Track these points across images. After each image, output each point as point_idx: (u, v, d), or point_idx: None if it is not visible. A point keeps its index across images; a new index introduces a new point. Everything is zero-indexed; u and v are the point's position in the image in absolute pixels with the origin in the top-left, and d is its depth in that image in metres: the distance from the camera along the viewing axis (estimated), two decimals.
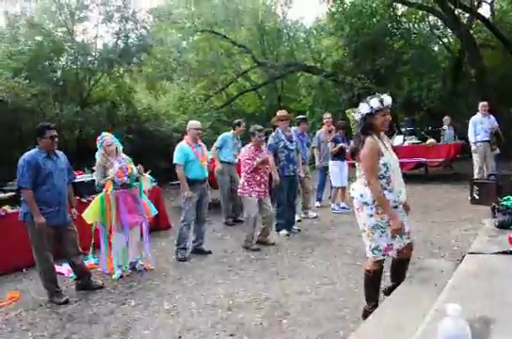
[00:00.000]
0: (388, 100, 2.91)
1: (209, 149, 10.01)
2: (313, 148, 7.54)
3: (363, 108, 2.92)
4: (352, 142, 3.06)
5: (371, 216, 2.93)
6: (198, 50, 19.05)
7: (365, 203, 2.93)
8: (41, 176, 3.94)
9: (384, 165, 2.92)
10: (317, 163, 7.56)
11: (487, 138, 8.09)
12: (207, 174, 5.34)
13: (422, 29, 16.30)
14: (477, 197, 4.30)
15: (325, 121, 7.81)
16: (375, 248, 2.97)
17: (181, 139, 5.38)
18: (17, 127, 10.27)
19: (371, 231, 2.94)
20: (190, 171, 5.12)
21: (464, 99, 15.05)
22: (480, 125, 8.14)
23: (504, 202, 3.43)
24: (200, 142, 5.32)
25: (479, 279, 2.25)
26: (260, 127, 5.55)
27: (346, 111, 7.62)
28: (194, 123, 5.32)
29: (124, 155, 4.83)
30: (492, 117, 8.25)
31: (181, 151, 5.12)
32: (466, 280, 2.26)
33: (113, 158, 4.64)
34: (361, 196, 2.95)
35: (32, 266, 4.55)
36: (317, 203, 7.76)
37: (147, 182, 4.97)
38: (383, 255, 2.99)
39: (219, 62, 17.60)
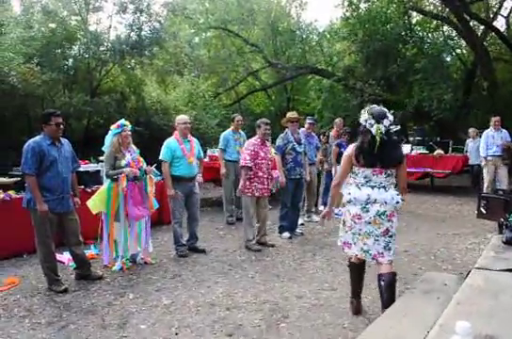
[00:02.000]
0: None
1: (212, 146, 10.06)
2: (324, 150, 7.49)
3: (388, 123, 3.12)
4: (388, 151, 3.14)
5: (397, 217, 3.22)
6: (210, 46, 19.06)
7: (397, 208, 3.19)
8: (46, 163, 3.92)
9: None
10: (325, 166, 7.53)
11: (498, 153, 8.11)
12: (196, 172, 5.23)
13: (435, 39, 16.23)
14: (484, 211, 4.28)
15: (335, 125, 7.78)
16: (395, 249, 3.26)
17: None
18: (26, 113, 10.30)
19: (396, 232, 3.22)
20: (176, 169, 5.05)
21: (474, 111, 15.02)
22: (492, 140, 8.17)
23: None
24: (189, 137, 5.22)
25: (485, 295, 2.23)
26: (266, 120, 5.52)
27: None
28: (181, 118, 5.24)
29: (134, 146, 4.82)
30: (505, 131, 8.27)
31: (167, 147, 5.04)
32: (471, 296, 2.23)
33: (125, 149, 4.63)
34: (401, 200, 3.18)
35: (33, 253, 4.54)
36: (322, 208, 7.72)
37: (152, 181, 4.96)
38: None
39: (231, 60, 17.58)
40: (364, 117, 3.14)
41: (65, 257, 4.74)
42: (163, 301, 3.79)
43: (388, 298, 3.11)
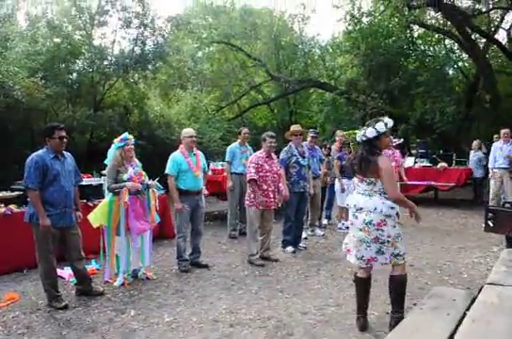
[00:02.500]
0: (390, 122, 3.26)
1: (215, 159, 10.04)
2: (328, 163, 7.45)
3: (371, 133, 3.21)
4: (358, 160, 3.28)
5: (394, 226, 3.22)
6: (213, 61, 19.21)
7: (388, 216, 3.17)
8: (49, 177, 3.88)
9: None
10: (328, 179, 7.47)
11: (504, 165, 8.06)
12: (202, 186, 5.19)
13: (437, 52, 16.32)
14: (492, 224, 4.21)
15: (337, 138, 7.77)
16: (397, 254, 3.23)
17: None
18: (29, 126, 10.33)
19: (395, 240, 3.21)
20: (183, 182, 5.00)
21: (477, 124, 14.99)
22: (500, 152, 8.11)
23: None
24: (195, 150, 5.20)
25: (500, 312, 2.15)
26: (272, 134, 5.52)
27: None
28: (187, 131, 5.22)
29: (136, 160, 4.80)
30: None
31: (173, 160, 5.02)
32: (486, 313, 2.16)
33: (127, 163, 4.60)
34: (391, 208, 3.17)
35: (34, 268, 4.48)
36: (325, 221, 7.66)
37: (155, 195, 4.92)
38: (403, 259, 3.28)
39: (234, 74, 17.68)
40: None
41: (66, 272, 4.68)
42: (165, 318, 3.70)
43: (394, 298, 3.31)
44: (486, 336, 1.78)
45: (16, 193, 5.36)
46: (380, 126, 3.19)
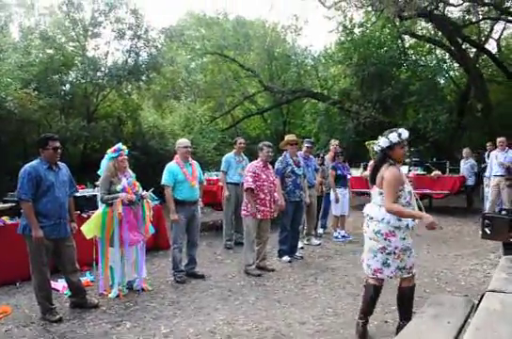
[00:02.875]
0: (405, 133, 3.25)
1: (210, 170, 10.01)
2: (322, 172, 7.45)
3: (384, 142, 3.23)
4: (371, 170, 3.41)
5: (404, 239, 3.20)
6: (206, 71, 19.27)
7: (397, 228, 3.16)
8: (42, 188, 3.83)
9: (409, 192, 3.23)
10: (323, 189, 7.46)
11: (499, 173, 8.11)
12: (198, 196, 5.16)
13: (429, 62, 16.54)
14: (489, 231, 4.20)
15: (331, 147, 7.79)
16: (403, 267, 3.23)
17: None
18: (22, 138, 10.26)
19: (402, 252, 3.21)
20: (179, 192, 4.97)
21: (469, 133, 15.12)
22: (495, 160, 8.18)
23: None
24: (190, 160, 5.17)
25: (503, 320, 2.12)
26: (269, 143, 5.51)
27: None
28: (182, 142, 5.21)
29: (130, 171, 4.77)
30: (511, 151, 8.25)
31: (169, 171, 4.99)
32: (489, 320, 2.13)
33: (121, 174, 4.57)
34: (399, 220, 3.14)
35: (27, 280, 4.41)
36: (321, 230, 7.63)
37: (150, 205, 4.88)
38: (408, 273, 3.28)
39: (227, 84, 17.72)
40: None
41: (59, 284, 4.61)
42: (161, 330, 3.64)
43: (401, 307, 3.37)
44: None
45: (9, 204, 5.29)
46: (393, 136, 3.20)
